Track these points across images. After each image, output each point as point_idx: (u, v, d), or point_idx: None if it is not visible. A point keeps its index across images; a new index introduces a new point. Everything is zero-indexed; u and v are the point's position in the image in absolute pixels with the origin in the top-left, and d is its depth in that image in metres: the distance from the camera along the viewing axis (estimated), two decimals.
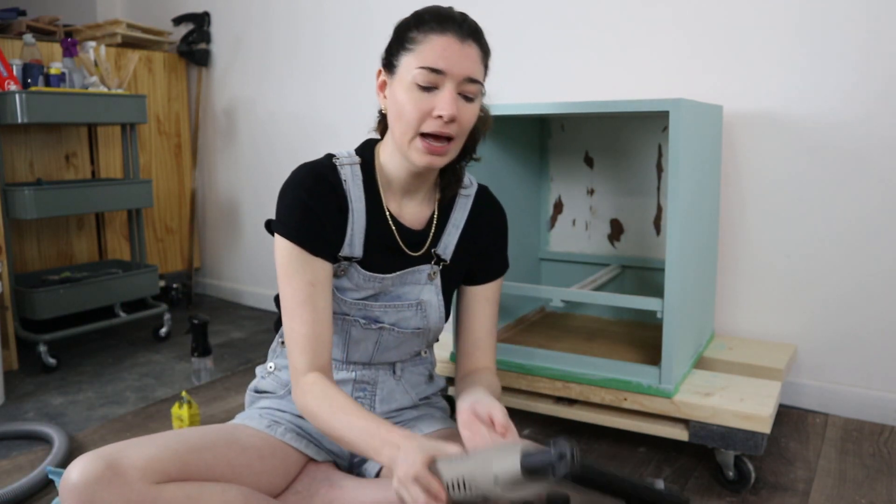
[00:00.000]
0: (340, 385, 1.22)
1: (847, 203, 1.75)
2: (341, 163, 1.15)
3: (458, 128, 1.08)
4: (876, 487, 1.45)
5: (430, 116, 1.06)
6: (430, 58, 1.05)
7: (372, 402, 1.24)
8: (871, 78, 1.68)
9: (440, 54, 1.04)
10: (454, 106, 1.05)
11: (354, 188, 1.14)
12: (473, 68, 1.08)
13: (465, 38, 1.07)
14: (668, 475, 1.51)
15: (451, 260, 1.23)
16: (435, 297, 1.22)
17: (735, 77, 1.84)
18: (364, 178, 1.16)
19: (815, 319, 1.82)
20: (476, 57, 1.09)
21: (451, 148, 1.09)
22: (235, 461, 1.08)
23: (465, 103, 1.08)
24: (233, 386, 2.08)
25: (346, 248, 1.14)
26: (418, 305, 1.20)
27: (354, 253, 1.15)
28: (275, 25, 2.80)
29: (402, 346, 1.23)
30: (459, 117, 1.07)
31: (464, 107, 1.07)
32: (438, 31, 1.05)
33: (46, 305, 2.23)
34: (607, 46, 2.03)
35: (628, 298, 1.52)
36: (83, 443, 1.70)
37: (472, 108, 1.09)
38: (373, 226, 1.16)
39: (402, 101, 1.07)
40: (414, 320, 1.21)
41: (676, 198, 1.39)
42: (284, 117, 2.83)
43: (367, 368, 1.23)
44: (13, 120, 2.16)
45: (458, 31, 1.06)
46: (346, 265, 1.15)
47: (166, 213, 3.05)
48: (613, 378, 1.50)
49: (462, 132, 1.10)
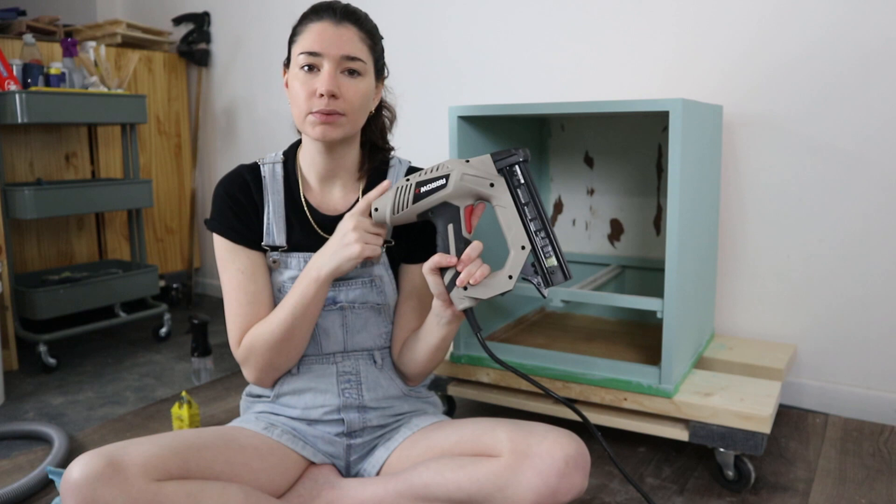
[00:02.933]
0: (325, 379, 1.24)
1: (847, 203, 1.75)
2: (264, 162, 1.26)
3: (344, 104, 1.14)
4: (876, 487, 1.45)
5: (314, 96, 1.14)
6: (308, 42, 1.14)
7: (359, 391, 1.25)
8: (872, 78, 1.68)
9: (316, 38, 1.14)
10: (332, 82, 1.12)
11: (273, 183, 1.24)
12: (350, 46, 1.15)
13: (340, 20, 1.15)
14: (668, 475, 1.51)
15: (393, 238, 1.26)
16: (385, 272, 1.25)
17: (735, 77, 1.84)
18: (284, 174, 1.26)
19: (815, 319, 1.82)
20: (353, 36, 1.16)
21: (344, 120, 1.15)
22: (235, 459, 1.09)
23: (348, 79, 1.15)
24: (233, 386, 2.08)
25: (266, 237, 1.22)
26: (372, 282, 1.24)
27: (276, 241, 1.22)
28: (274, 25, 2.80)
29: (368, 325, 1.25)
30: (343, 93, 1.14)
31: (346, 82, 1.15)
32: (315, 19, 1.16)
33: (46, 305, 2.23)
34: (607, 46, 2.03)
35: (628, 298, 1.52)
36: (83, 443, 1.70)
37: (357, 83, 1.16)
38: (291, 215, 1.24)
39: (293, 87, 1.17)
40: (371, 296, 1.24)
41: (676, 198, 1.39)
42: (284, 117, 2.83)
43: (346, 358, 1.25)
44: (13, 120, 2.16)
45: (333, 15, 1.15)
46: (277, 255, 1.22)
47: (166, 213, 3.05)
48: (613, 378, 1.50)
49: (351, 108, 1.16)
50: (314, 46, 1.13)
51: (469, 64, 2.29)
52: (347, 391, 1.24)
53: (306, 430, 1.23)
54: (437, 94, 2.36)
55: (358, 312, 1.24)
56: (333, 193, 1.26)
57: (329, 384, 1.24)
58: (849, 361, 1.79)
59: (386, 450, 1.23)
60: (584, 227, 2.07)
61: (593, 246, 2.06)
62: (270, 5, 2.80)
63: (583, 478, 1.05)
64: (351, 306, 1.23)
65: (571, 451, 1.05)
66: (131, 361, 2.33)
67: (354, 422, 1.24)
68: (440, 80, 2.35)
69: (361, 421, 1.24)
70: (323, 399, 1.23)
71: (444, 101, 2.32)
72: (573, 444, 1.06)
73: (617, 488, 1.45)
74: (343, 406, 1.24)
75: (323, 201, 1.26)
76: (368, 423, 1.25)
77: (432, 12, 2.35)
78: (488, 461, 1.07)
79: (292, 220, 1.23)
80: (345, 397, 1.24)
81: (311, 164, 1.25)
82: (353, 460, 1.26)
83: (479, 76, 2.28)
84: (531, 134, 2.01)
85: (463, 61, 2.30)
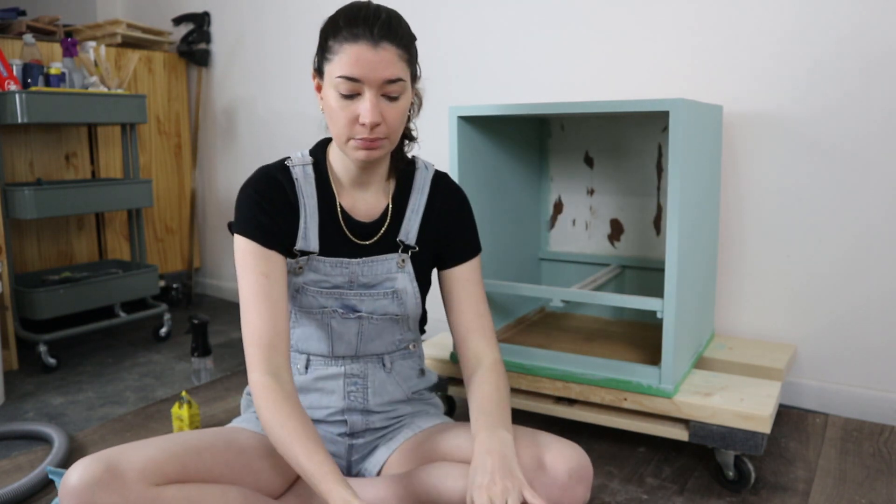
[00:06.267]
0: (331, 380, 1.23)
1: (847, 203, 1.75)
2: (293, 164, 1.20)
3: (386, 129, 1.10)
4: (876, 487, 1.44)
5: (356, 123, 1.08)
6: (345, 67, 1.06)
7: (365, 395, 1.24)
8: (871, 78, 1.68)
9: (354, 63, 1.06)
10: (376, 112, 1.07)
11: (307, 186, 1.19)
12: (390, 70, 1.07)
13: (378, 42, 1.06)
14: (668, 475, 1.51)
15: (417, 245, 1.24)
16: (409, 284, 1.23)
17: (735, 77, 1.84)
18: (316, 176, 1.20)
19: (815, 319, 1.82)
20: (392, 57, 1.07)
21: (386, 143, 1.12)
22: (234, 462, 1.09)
23: (389, 103, 1.09)
24: (233, 386, 2.08)
25: (300, 242, 1.18)
26: (394, 294, 1.22)
27: (310, 246, 1.18)
28: (274, 25, 2.80)
29: (383, 334, 1.24)
30: (385, 118, 1.09)
31: (388, 107, 1.09)
32: (351, 40, 1.06)
33: (46, 305, 2.23)
34: (607, 46, 2.03)
35: (628, 298, 1.52)
36: (83, 443, 1.70)
37: (397, 106, 1.11)
38: (326, 221, 1.20)
39: (331, 107, 1.10)
40: (391, 307, 1.23)
41: (676, 198, 1.39)
42: (284, 116, 2.83)
43: (355, 362, 1.24)
44: (13, 120, 2.16)
45: (370, 37, 1.06)
46: (305, 260, 1.19)
47: (166, 213, 3.05)
48: (613, 378, 1.50)
49: (393, 130, 1.12)
50: (353, 72, 1.06)
51: (469, 64, 2.29)
52: (353, 394, 1.24)
53: None
54: (437, 94, 2.35)
55: (375, 322, 1.23)
56: (366, 198, 1.23)
57: (335, 386, 1.23)
58: (849, 361, 1.79)
59: (387, 450, 1.23)
60: (584, 227, 2.06)
61: (593, 246, 2.06)
62: (270, 5, 2.80)
63: (585, 489, 1.05)
64: (370, 317, 1.22)
65: (574, 463, 1.05)
66: (131, 361, 2.33)
67: (357, 424, 1.24)
68: (440, 80, 2.35)
69: (364, 423, 1.25)
70: (328, 400, 1.23)
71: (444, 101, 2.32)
72: (576, 457, 1.06)
73: (617, 488, 1.45)
74: (347, 408, 1.24)
75: (355, 206, 1.22)
76: (371, 425, 1.25)
77: (432, 12, 2.35)
78: None
79: (327, 225, 1.20)
80: (350, 400, 1.24)
81: (344, 171, 1.21)
82: (355, 460, 1.26)
83: (479, 76, 2.28)
84: (531, 134, 2.01)
85: (463, 61, 2.30)
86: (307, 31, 2.68)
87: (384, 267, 1.22)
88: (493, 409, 1.12)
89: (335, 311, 1.21)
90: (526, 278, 2.02)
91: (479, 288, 1.27)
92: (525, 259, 2.03)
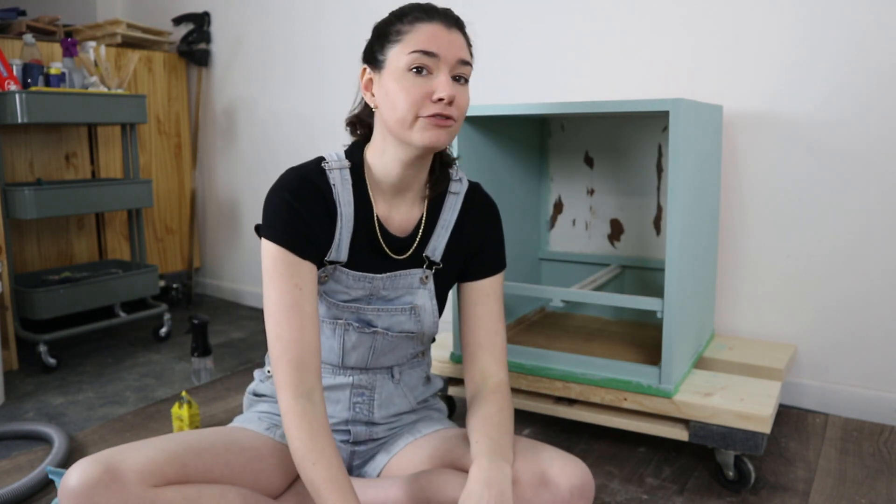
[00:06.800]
0: (338, 390, 1.21)
1: (847, 203, 1.75)
2: (330, 167, 1.13)
3: (456, 111, 1.07)
4: (876, 487, 1.44)
5: (428, 100, 1.05)
6: (422, 42, 1.05)
7: (370, 408, 1.23)
8: (871, 78, 1.68)
9: (431, 38, 1.05)
10: (452, 85, 1.05)
11: (344, 192, 1.13)
12: (464, 51, 1.08)
13: (451, 25, 1.08)
14: (668, 475, 1.51)
15: (442, 262, 1.21)
16: (429, 301, 1.20)
17: (735, 77, 1.84)
18: (353, 181, 1.14)
19: (816, 319, 1.82)
20: (463, 43, 1.09)
21: (453, 127, 1.09)
22: (234, 462, 1.08)
23: (458, 85, 1.07)
24: (233, 386, 2.08)
25: (333, 252, 1.13)
26: (412, 310, 1.19)
27: (340, 257, 1.14)
28: (274, 25, 2.80)
29: (396, 349, 1.22)
30: (457, 100, 1.07)
31: (459, 89, 1.07)
32: (425, 20, 1.06)
33: (46, 305, 2.23)
34: (607, 46, 2.03)
35: (628, 298, 1.52)
36: (83, 443, 1.70)
37: (466, 90, 1.09)
38: (360, 230, 1.14)
39: (395, 90, 1.05)
40: (408, 324, 1.20)
41: (676, 198, 1.39)
42: (284, 117, 2.83)
43: (364, 373, 1.22)
44: (13, 120, 2.16)
45: (445, 19, 1.08)
46: (330, 269, 1.14)
47: (166, 213, 3.05)
48: (613, 378, 1.50)
49: (460, 115, 1.09)
50: (430, 46, 1.04)
51: None
52: (358, 406, 1.22)
53: None
54: None
55: (391, 339, 1.20)
56: (401, 208, 1.18)
57: (341, 396, 1.21)
58: (849, 361, 1.79)
59: (387, 454, 1.22)
60: (584, 227, 2.06)
61: (593, 246, 2.06)
62: (270, 5, 2.80)
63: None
64: (385, 333, 1.19)
65: (577, 480, 1.03)
66: (131, 361, 2.33)
67: (361, 434, 1.23)
68: None
69: (368, 434, 1.23)
70: (332, 410, 1.21)
71: None
72: (579, 473, 1.04)
73: (617, 488, 1.45)
74: (352, 420, 1.22)
75: (390, 216, 1.17)
76: (374, 435, 1.24)
77: None
78: None
79: (360, 235, 1.14)
80: (355, 412, 1.22)
81: (384, 175, 1.14)
82: (356, 465, 1.25)
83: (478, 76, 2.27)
84: (531, 134, 2.01)
85: None
86: (307, 30, 2.69)
87: (406, 281, 1.19)
88: (496, 433, 1.07)
89: (350, 324, 1.17)
90: (526, 278, 2.02)
91: (498, 304, 1.24)
92: (525, 259, 2.03)
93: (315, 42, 2.67)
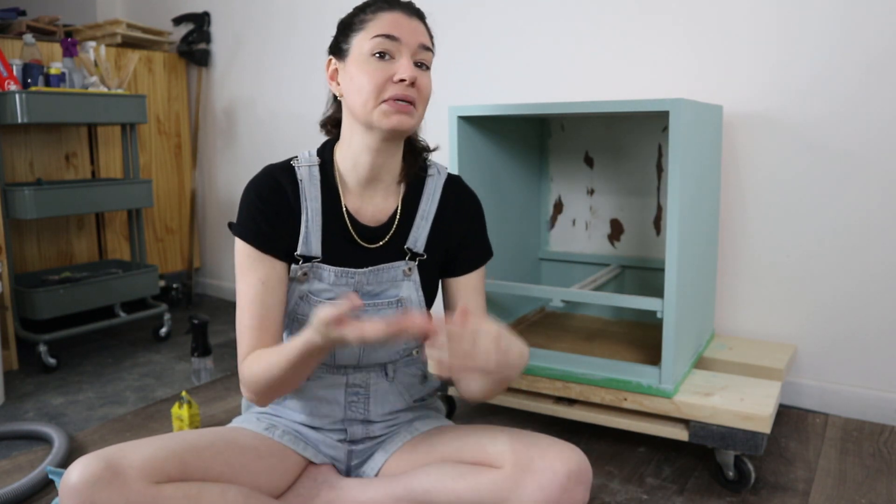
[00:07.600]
0: (333, 389, 1.22)
1: (847, 203, 1.75)
2: (299, 164, 1.19)
3: (418, 94, 1.11)
4: (876, 487, 1.45)
5: (390, 82, 1.09)
6: (384, 27, 1.10)
7: (366, 406, 1.23)
8: (872, 78, 1.68)
9: (393, 24, 1.10)
10: (413, 68, 1.09)
11: (311, 188, 1.17)
12: (425, 38, 1.14)
13: (412, 14, 1.14)
14: (668, 475, 1.51)
15: (425, 253, 1.22)
16: (415, 293, 1.21)
17: (735, 77, 1.84)
18: (322, 177, 1.18)
19: (815, 319, 1.82)
20: (424, 31, 1.14)
21: (416, 113, 1.12)
22: (234, 461, 1.08)
23: (420, 70, 1.12)
24: (233, 386, 2.08)
25: (301, 247, 1.15)
26: (398, 303, 1.19)
27: (312, 251, 1.16)
28: (274, 25, 2.80)
29: (387, 343, 1.22)
30: (419, 83, 1.11)
31: (421, 74, 1.12)
32: (387, 9, 1.12)
33: (46, 305, 2.23)
34: (608, 46, 2.03)
35: (628, 298, 1.52)
36: (83, 443, 1.70)
37: (427, 76, 1.14)
38: (330, 224, 1.17)
39: (358, 74, 1.10)
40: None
41: (676, 198, 1.39)
42: (284, 117, 2.83)
43: (358, 371, 1.22)
44: (13, 120, 2.16)
45: (406, 8, 1.14)
46: (308, 266, 1.16)
47: (166, 213, 3.05)
48: (613, 378, 1.50)
49: (422, 99, 1.13)
50: (392, 31, 1.09)
51: (469, 64, 2.29)
52: (354, 405, 1.22)
53: (308, 433, 1.22)
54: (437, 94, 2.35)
55: None
56: (374, 199, 1.20)
57: (336, 395, 1.22)
58: (849, 361, 1.79)
59: (385, 453, 1.22)
60: (584, 227, 2.06)
61: (593, 246, 2.06)
62: (270, 5, 2.80)
63: (584, 491, 1.04)
64: None
65: (573, 465, 1.04)
66: (131, 361, 2.33)
67: (357, 433, 1.23)
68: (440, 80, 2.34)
69: (364, 432, 1.24)
70: (328, 409, 1.22)
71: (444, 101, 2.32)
72: (575, 458, 1.05)
73: (617, 488, 1.45)
74: (347, 418, 1.23)
75: (362, 207, 1.19)
76: (371, 433, 1.24)
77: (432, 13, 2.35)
78: (490, 472, 1.06)
79: (331, 228, 1.17)
80: (350, 411, 1.22)
81: (353, 167, 1.17)
82: (354, 464, 1.25)
83: (479, 76, 2.28)
84: (531, 134, 2.01)
85: (463, 61, 2.30)
86: (307, 30, 2.68)
87: (389, 275, 1.19)
88: None
89: None
90: (526, 278, 2.02)
91: (482, 297, 1.26)
92: (525, 259, 2.03)
93: (314, 42, 2.66)
